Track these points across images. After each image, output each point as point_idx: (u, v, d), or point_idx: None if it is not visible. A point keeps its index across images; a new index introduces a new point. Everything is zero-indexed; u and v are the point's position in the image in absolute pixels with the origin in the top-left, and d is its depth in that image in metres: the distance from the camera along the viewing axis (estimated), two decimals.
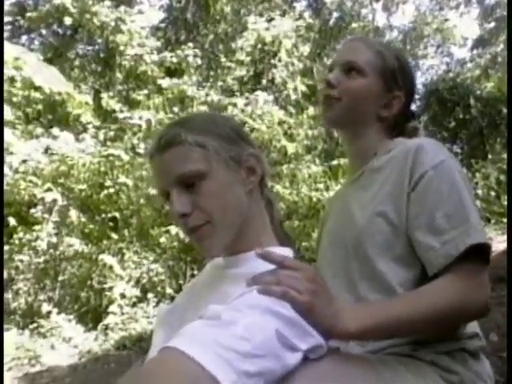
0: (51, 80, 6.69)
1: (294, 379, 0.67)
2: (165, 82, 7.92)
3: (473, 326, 0.94)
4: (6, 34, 8.47)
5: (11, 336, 4.84)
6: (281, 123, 7.61)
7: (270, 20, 9.13)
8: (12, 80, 6.35)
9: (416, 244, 0.89)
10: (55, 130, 6.70)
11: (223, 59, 9.26)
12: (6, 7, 8.96)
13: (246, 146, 0.84)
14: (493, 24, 12.44)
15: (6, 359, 4.27)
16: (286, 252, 0.84)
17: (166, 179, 0.80)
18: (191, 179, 0.78)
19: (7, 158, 6.00)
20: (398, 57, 1.09)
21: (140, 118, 6.97)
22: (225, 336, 0.61)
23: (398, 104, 1.07)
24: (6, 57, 6.02)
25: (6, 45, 6.49)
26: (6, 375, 4.05)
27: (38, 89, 6.66)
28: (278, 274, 0.69)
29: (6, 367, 4.19)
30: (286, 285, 0.68)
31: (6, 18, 9.02)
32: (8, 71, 6.18)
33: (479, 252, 0.84)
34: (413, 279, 0.90)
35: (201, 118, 0.87)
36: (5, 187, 5.83)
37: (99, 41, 9.17)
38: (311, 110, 8.33)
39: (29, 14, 8.82)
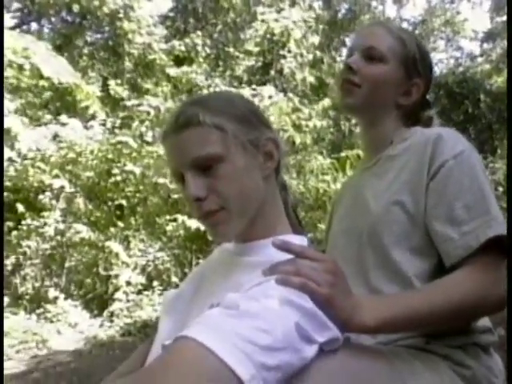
0: (59, 70, 6.67)
1: (310, 372, 0.66)
2: (173, 71, 7.90)
3: (485, 321, 0.94)
4: (15, 21, 8.48)
5: (19, 320, 4.90)
6: (289, 114, 7.58)
7: (280, 11, 9.06)
8: (20, 68, 6.35)
9: (433, 234, 0.88)
10: (63, 117, 6.72)
11: (232, 49, 9.21)
12: None
13: (264, 129, 0.81)
14: (504, 17, 12.27)
15: (13, 342, 4.34)
16: (302, 241, 0.81)
17: (181, 161, 0.77)
18: (208, 162, 0.75)
19: (16, 145, 6.02)
20: (419, 44, 1.07)
21: (149, 106, 6.96)
22: (244, 328, 0.59)
23: (417, 92, 1.06)
24: (14, 46, 6.01)
25: (15, 34, 6.51)
26: (15, 357, 4.11)
27: (46, 79, 6.66)
28: (297, 264, 0.68)
29: (13, 350, 4.25)
30: (305, 276, 0.66)
31: (16, 5, 9.00)
32: (17, 59, 6.18)
33: (498, 244, 0.82)
34: (428, 270, 0.89)
35: (220, 99, 0.83)
36: (13, 173, 5.87)
37: (107, 29, 9.15)
38: (319, 102, 8.28)
39: (37, 0, 8.79)
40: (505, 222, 0.85)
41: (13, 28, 7.90)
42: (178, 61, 8.44)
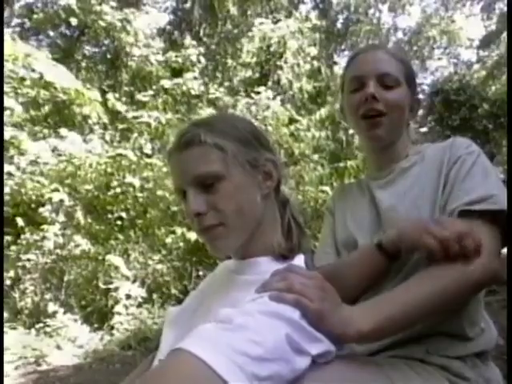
0: (61, 76, 6.71)
1: (303, 382, 0.67)
2: (170, 83, 7.94)
3: (489, 333, 0.96)
4: (14, 36, 8.53)
5: (18, 335, 4.86)
6: (287, 124, 7.61)
7: (276, 22, 9.14)
8: (22, 79, 6.38)
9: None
10: (63, 131, 6.73)
11: (229, 60, 9.27)
12: (16, 9, 9.03)
13: (263, 150, 0.85)
14: (495, 19, 12.39)
15: (12, 358, 4.30)
16: (297, 260, 0.84)
17: (183, 178, 0.82)
18: (208, 180, 0.79)
19: (15, 159, 6.03)
20: (409, 61, 1.14)
21: (148, 117, 6.99)
22: (237, 340, 0.61)
23: (418, 106, 1.14)
24: (16, 54, 6.03)
25: (17, 43, 6.54)
26: (13, 374, 4.07)
27: (47, 85, 6.66)
28: (289, 281, 0.71)
29: (12, 366, 4.21)
30: (298, 292, 0.69)
31: (15, 20, 9.08)
32: (17, 69, 6.20)
33: (494, 222, 0.87)
34: None
35: (221, 121, 0.88)
36: (13, 187, 5.87)
37: (105, 42, 9.22)
38: (317, 112, 8.32)
39: (35, 16, 8.87)
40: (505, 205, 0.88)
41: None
42: (176, 72, 8.49)
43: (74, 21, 8.35)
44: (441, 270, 0.82)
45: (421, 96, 11.18)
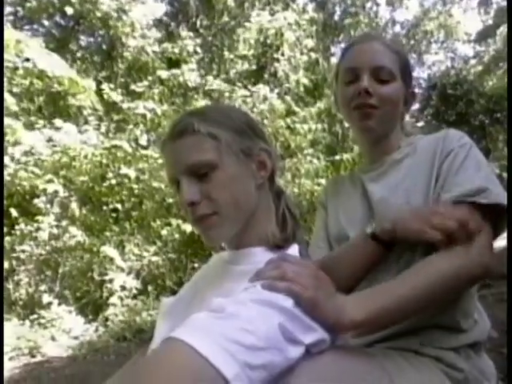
0: (54, 64, 6.62)
1: (296, 372, 0.67)
2: (166, 74, 7.89)
3: (483, 325, 0.96)
4: (7, 25, 8.43)
5: (12, 326, 4.86)
6: (283, 117, 7.59)
7: (273, 13, 9.08)
8: (15, 68, 6.30)
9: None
10: (58, 121, 6.68)
11: (226, 52, 9.22)
12: None
13: (258, 140, 0.85)
14: (492, 13, 12.37)
15: (6, 349, 4.29)
16: (291, 250, 0.84)
17: (177, 167, 0.81)
18: (202, 169, 0.79)
19: (9, 150, 5.99)
20: (405, 53, 1.12)
21: (144, 108, 6.95)
22: (229, 328, 0.61)
23: (413, 99, 1.13)
24: (8, 40, 5.94)
25: (9, 30, 6.44)
26: (7, 365, 4.07)
27: (41, 74, 6.58)
28: (282, 269, 0.70)
29: (6, 357, 4.22)
30: (291, 280, 0.69)
31: (8, 9, 8.97)
32: (11, 58, 6.12)
33: (489, 215, 0.87)
34: None
35: (215, 110, 0.87)
36: (7, 178, 5.83)
37: (101, 32, 9.13)
38: (314, 105, 8.30)
39: (29, 5, 8.76)
40: (504, 198, 0.88)
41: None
42: (172, 64, 8.44)
43: (69, 10, 8.24)
44: (435, 263, 0.82)
45: (417, 90, 11.18)
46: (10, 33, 6.15)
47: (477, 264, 0.83)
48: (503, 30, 11.00)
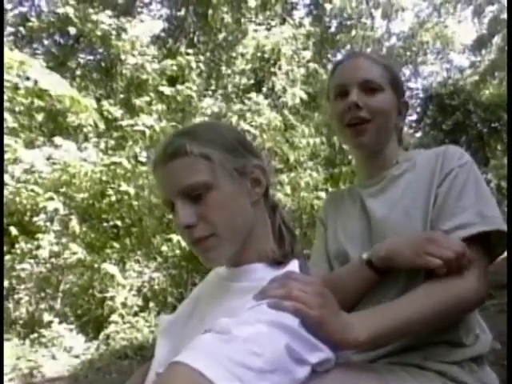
0: (55, 84, 6.67)
1: None
2: (165, 90, 7.95)
3: (485, 338, 0.96)
4: (10, 46, 8.53)
5: (12, 346, 4.81)
6: (282, 131, 7.62)
7: (270, 28, 9.18)
8: (16, 87, 6.35)
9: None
10: (57, 139, 6.71)
11: (224, 67, 9.30)
12: (10, 18, 9.02)
13: (250, 157, 0.84)
14: (486, 20, 12.51)
15: (6, 369, 4.25)
16: (291, 266, 0.83)
17: (170, 190, 0.80)
18: (196, 191, 0.77)
19: (9, 168, 6.00)
20: (392, 66, 1.14)
21: (143, 125, 6.99)
22: (236, 351, 0.60)
23: (406, 110, 1.13)
24: (10, 62, 6.00)
25: (13, 52, 6.52)
26: None
27: (42, 93, 6.63)
28: (287, 288, 0.70)
29: (6, 378, 4.17)
30: (296, 299, 0.68)
31: (9, 29, 9.08)
32: (12, 78, 6.18)
33: (488, 242, 0.88)
34: None
35: (206, 129, 0.86)
36: (8, 196, 5.84)
37: (100, 50, 9.23)
38: (312, 118, 8.34)
39: (30, 24, 8.87)
40: (503, 222, 0.90)
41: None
42: (171, 80, 8.51)
43: (71, 29, 8.36)
44: (437, 289, 0.84)
45: (414, 101, 11.23)
46: (13, 54, 6.22)
47: (474, 293, 0.85)
48: (497, 39, 11.12)
